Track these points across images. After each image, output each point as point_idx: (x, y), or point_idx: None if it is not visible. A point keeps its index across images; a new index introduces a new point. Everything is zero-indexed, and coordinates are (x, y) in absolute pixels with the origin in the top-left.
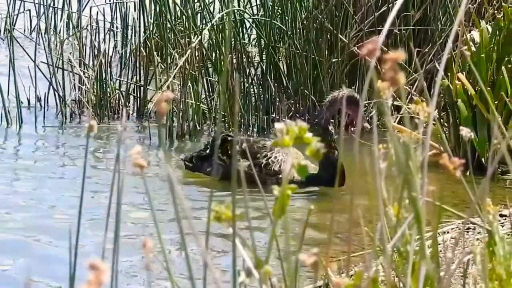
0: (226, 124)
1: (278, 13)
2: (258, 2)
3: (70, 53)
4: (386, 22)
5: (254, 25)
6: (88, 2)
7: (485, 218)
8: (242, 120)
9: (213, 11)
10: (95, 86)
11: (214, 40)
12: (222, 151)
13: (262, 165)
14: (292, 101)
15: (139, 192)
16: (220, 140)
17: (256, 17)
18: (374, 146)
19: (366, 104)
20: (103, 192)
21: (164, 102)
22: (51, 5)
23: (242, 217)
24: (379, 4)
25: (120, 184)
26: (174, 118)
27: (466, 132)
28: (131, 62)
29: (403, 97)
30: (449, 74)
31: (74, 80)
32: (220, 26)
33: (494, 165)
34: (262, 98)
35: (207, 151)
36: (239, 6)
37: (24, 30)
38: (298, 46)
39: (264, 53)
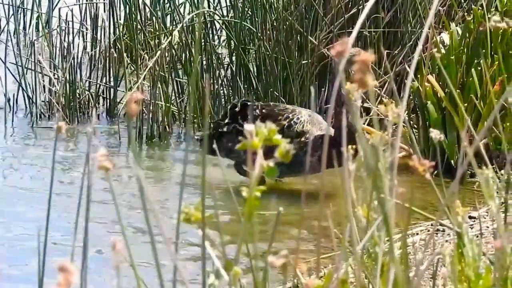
0: (196, 125)
1: (248, 15)
2: (228, 4)
3: (40, 54)
4: (356, 25)
5: (224, 27)
6: (58, 2)
7: (454, 220)
8: (210, 122)
9: (183, 12)
10: (64, 88)
11: (184, 42)
12: (243, 118)
13: (285, 127)
14: (262, 103)
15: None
16: (239, 106)
17: (226, 18)
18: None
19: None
20: (73, 194)
21: (134, 103)
22: (20, 5)
23: (212, 218)
24: (349, 6)
25: (90, 186)
26: (144, 120)
27: (435, 134)
28: (101, 63)
29: (372, 99)
30: (418, 76)
31: (43, 81)
32: (190, 28)
33: (463, 168)
34: (232, 100)
35: (226, 121)
36: (209, 8)
37: None
38: (268, 48)
39: (234, 54)
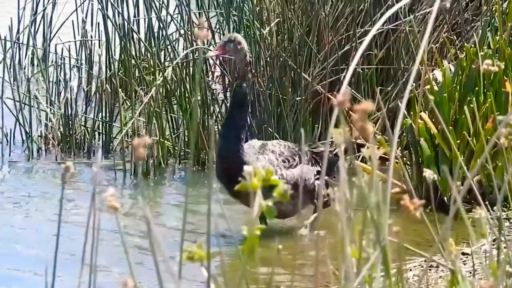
0: (191, 161)
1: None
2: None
3: (37, 89)
4: (350, 62)
5: (218, 63)
6: (53, 38)
7: (448, 258)
8: (206, 158)
9: (178, 47)
10: (61, 123)
11: (178, 77)
12: None
13: None
14: (256, 139)
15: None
16: None
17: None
18: (341, 186)
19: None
20: (72, 230)
21: (142, 147)
22: (16, 41)
23: (215, 256)
24: (343, 43)
25: (97, 225)
26: None
27: (429, 174)
28: (97, 98)
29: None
30: (411, 113)
31: (40, 116)
32: (184, 63)
33: (454, 209)
34: None
35: None
36: (203, 44)
37: None
38: (262, 84)
39: (228, 90)
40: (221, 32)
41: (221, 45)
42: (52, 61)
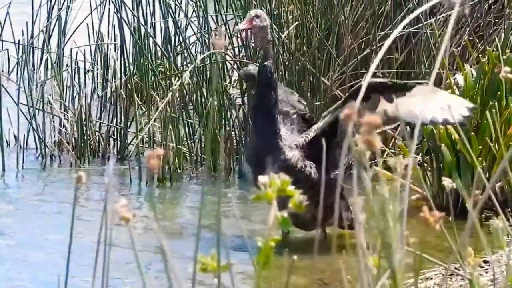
0: (210, 167)
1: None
2: (240, 44)
3: (50, 94)
4: (370, 66)
5: (235, 67)
6: (67, 42)
7: (467, 268)
8: (223, 164)
9: (194, 51)
10: (75, 128)
11: (195, 82)
12: None
13: None
14: None
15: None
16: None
17: (238, 59)
18: (354, 197)
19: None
20: (85, 235)
21: (155, 159)
22: (30, 45)
23: (227, 268)
24: (362, 46)
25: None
26: None
27: (448, 182)
28: (111, 104)
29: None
30: None
31: (54, 122)
32: (201, 68)
33: (474, 217)
34: (243, 142)
35: None
36: (220, 48)
37: (2, 70)
38: None
39: (246, 95)
40: (238, 36)
41: (249, 19)
42: (66, 66)
